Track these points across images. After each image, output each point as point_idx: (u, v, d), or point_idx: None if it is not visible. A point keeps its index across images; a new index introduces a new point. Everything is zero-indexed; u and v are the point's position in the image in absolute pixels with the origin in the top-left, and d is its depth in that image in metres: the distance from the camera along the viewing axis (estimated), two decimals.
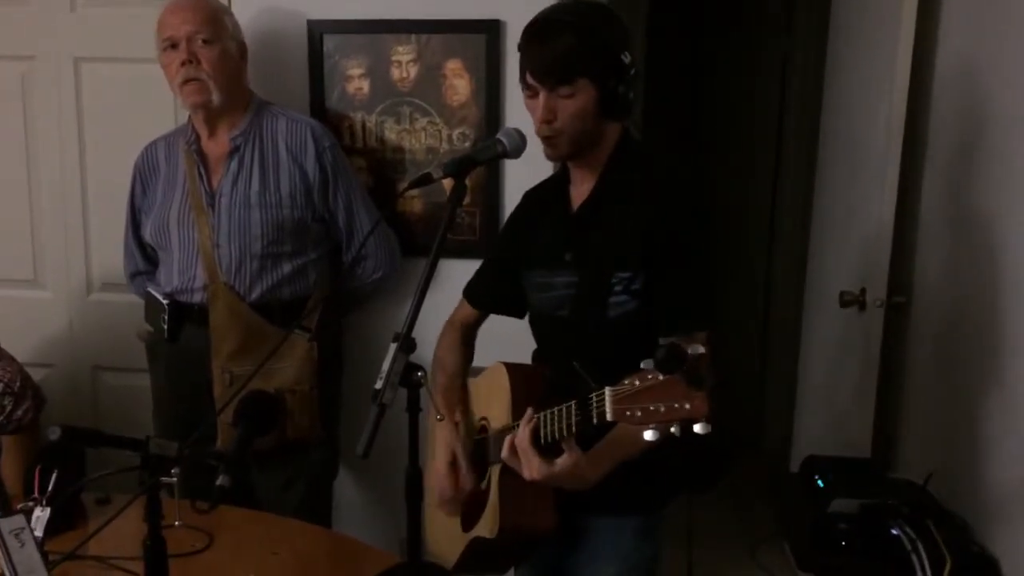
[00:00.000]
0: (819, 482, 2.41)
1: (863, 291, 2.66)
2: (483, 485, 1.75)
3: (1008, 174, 2.19)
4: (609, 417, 1.28)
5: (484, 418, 1.81)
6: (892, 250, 2.61)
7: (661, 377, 1.21)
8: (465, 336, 1.95)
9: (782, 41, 3.93)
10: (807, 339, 3.41)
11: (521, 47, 1.64)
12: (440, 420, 1.63)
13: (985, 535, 2.22)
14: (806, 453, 2.78)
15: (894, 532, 2.14)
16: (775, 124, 4.02)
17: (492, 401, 1.77)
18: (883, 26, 2.61)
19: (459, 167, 1.58)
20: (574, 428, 1.43)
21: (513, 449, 1.51)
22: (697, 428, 1.20)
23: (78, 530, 1.85)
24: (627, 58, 1.60)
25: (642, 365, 1.24)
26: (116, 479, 1.54)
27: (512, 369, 1.73)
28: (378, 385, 1.45)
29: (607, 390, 1.29)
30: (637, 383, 1.24)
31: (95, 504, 1.96)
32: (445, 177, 1.58)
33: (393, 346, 1.48)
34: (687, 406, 1.20)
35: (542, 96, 1.61)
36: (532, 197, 1.91)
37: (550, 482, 1.52)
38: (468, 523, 1.78)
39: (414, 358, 1.50)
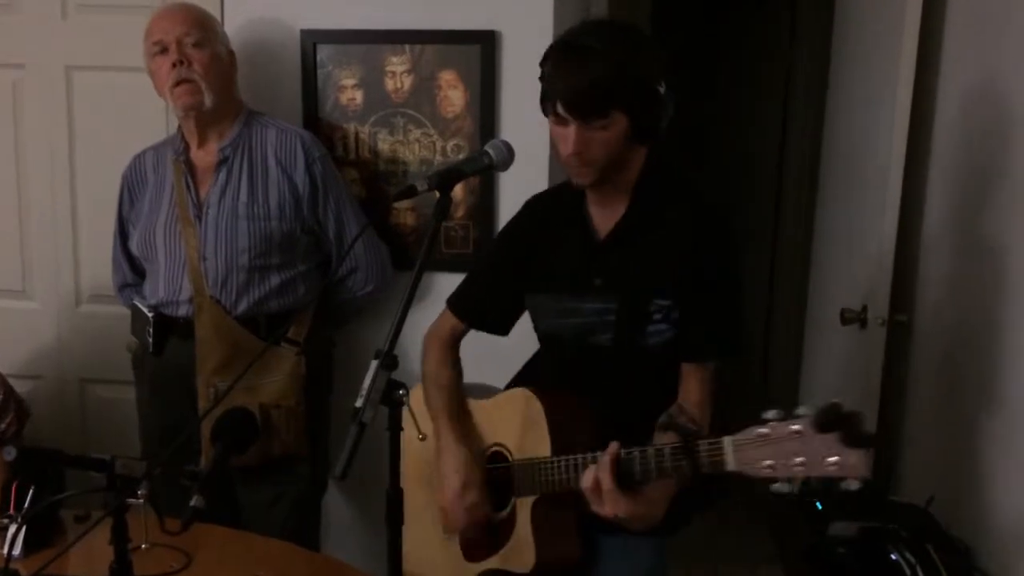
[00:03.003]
0: (817, 504, 2.35)
1: (864, 309, 2.61)
2: (502, 515, 1.70)
3: (1013, 190, 2.15)
4: (731, 467, 1.26)
5: (499, 444, 1.75)
6: (894, 267, 2.56)
7: (814, 432, 1.19)
8: (453, 350, 1.89)
9: (785, 57, 3.90)
10: (808, 357, 3.35)
11: (548, 74, 1.56)
12: (422, 440, 1.58)
13: (988, 560, 2.16)
14: None
15: (893, 557, 2.08)
16: (778, 140, 3.99)
17: (512, 428, 1.71)
18: (886, 42, 2.57)
19: (444, 179, 1.53)
20: (669, 472, 1.40)
21: (596, 484, 1.45)
22: (851, 485, 1.18)
23: (55, 548, 1.81)
24: (663, 88, 1.55)
25: (766, 416, 1.23)
26: (95, 495, 1.50)
27: (547, 398, 1.66)
28: (358, 403, 1.41)
29: (728, 440, 1.27)
30: (767, 431, 1.22)
31: (73, 521, 1.92)
32: (430, 190, 1.53)
33: (374, 363, 1.43)
34: (849, 461, 1.18)
35: (574, 128, 1.54)
36: (539, 214, 1.81)
37: (626, 522, 1.47)
38: (473, 554, 1.73)
39: (397, 375, 1.46)
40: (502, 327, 1.85)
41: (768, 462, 1.21)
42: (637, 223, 1.65)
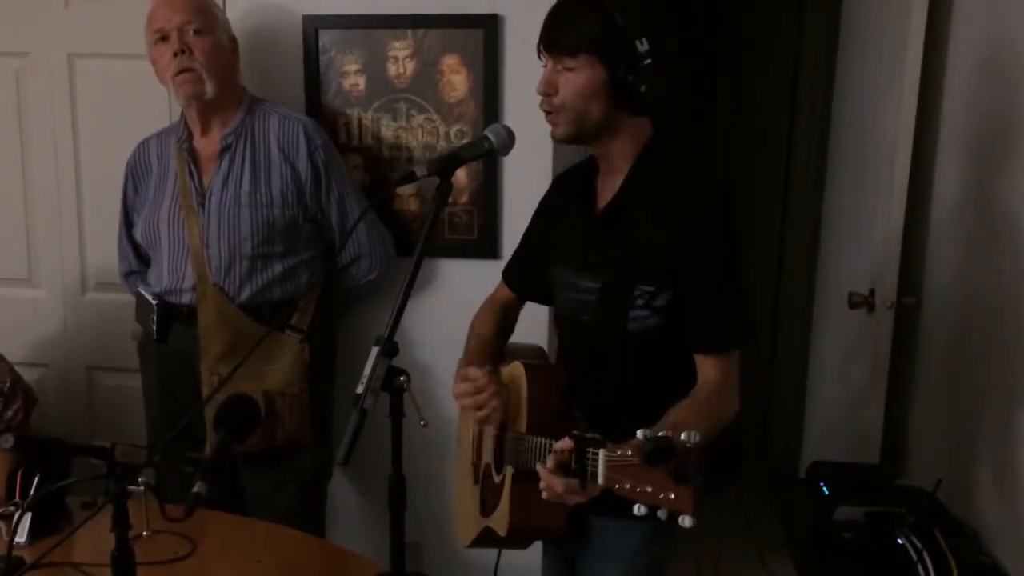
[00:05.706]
0: (824, 489, 2.34)
1: (872, 292, 2.59)
2: (497, 480, 1.74)
3: (1022, 169, 2.13)
4: (600, 482, 1.24)
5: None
6: (902, 250, 2.54)
7: (647, 465, 1.17)
8: (503, 313, 1.92)
9: (793, 37, 3.86)
10: (816, 342, 3.34)
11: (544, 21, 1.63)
12: (424, 426, 1.58)
13: (996, 545, 2.15)
14: (814, 458, 2.71)
15: (900, 541, 2.07)
16: (786, 122, 3.95)
17: (512, 398, 1.73)
18: (894, 20, 2.55)
19: (444, 165, 1.54)
20: (573, 477, 1.35)
21: (551, 491, 1.41)
22: (683, 521, 1.14)
23: (62, 534, 1.82)
24: (643, 46, 1.54)
25: (639, 435, 1.19)
26: (101, 482, 1.50)
27: (530, 373, 1.69)
28: (359, 390, 1.41)
29: (601, 453, 1.25)
30: (630, 453, 1.19)
31: (80, 508, 1.93)
32: (429, 175, 1.53)
33: (375, 350, 1.44)
34: (672, 497, 1.15)
35: (548, 67, 1.59)
36: (563, 183, 1.86)
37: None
38: (485, 509, 1.79)
39: (398, 361, 1.46)
40: (545, 297, 1.86)
41: (627, 484, 1.18)
42: (630, 200, 1.63)
